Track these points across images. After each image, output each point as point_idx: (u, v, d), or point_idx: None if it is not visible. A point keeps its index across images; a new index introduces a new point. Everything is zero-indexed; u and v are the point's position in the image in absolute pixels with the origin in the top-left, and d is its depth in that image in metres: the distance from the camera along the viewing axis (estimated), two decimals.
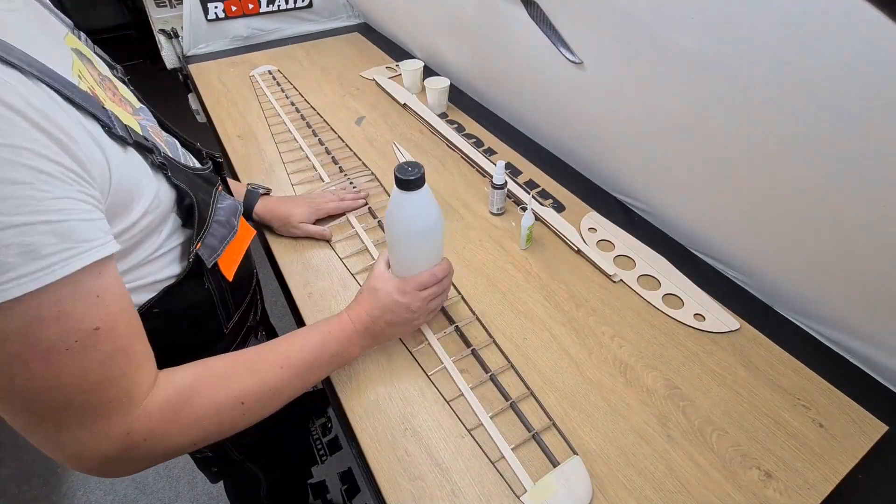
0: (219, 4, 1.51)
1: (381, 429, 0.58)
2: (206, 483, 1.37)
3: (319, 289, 0.75)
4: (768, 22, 0.52)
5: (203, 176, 0.56)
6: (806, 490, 0.54)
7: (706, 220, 0.79)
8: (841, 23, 0.46)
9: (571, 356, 0.66)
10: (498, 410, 0.59)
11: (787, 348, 0.68)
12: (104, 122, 0.38)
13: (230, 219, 0.57)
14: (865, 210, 0.54)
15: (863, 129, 0.50)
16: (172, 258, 0.49)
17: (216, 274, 0.55)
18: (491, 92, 1.21)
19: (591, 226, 0.87)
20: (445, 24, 1.20)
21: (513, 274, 0.78)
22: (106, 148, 0.38)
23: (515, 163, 1.03)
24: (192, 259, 0.49)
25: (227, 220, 0.56)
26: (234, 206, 0.60)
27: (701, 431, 0.58)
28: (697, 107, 0.67)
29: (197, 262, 0.50)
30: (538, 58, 0.92)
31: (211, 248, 0.53)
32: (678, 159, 0.77)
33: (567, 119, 0.98)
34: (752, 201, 0.68)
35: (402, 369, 0.64)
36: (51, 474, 1.40)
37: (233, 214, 0.58)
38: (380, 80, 1.32)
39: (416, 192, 0.53)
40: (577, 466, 0.54)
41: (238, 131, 1.12)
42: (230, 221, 0.57)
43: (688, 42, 0.62)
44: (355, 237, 0.84)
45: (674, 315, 0.72)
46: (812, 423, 0.59)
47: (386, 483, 0.53)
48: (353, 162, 1.01)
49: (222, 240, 0.55)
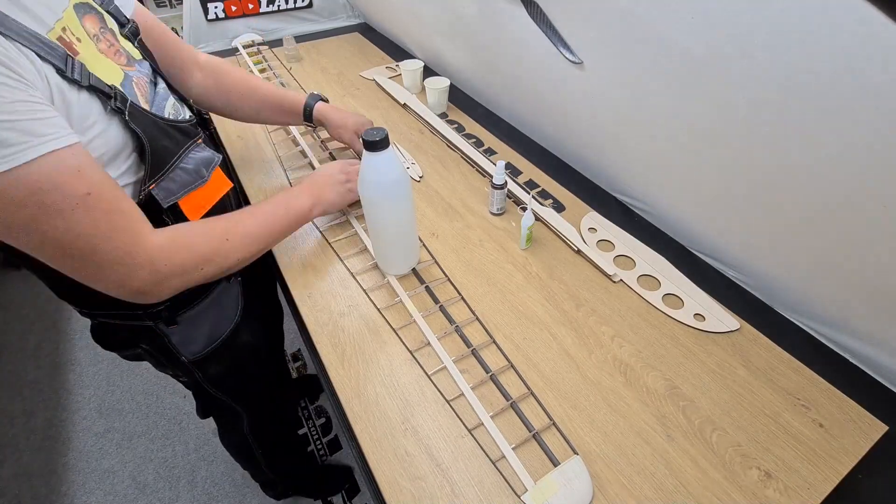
0: (219, 4, 1.51)
1: (381, 428, 0.58)
2: (207, 483, 1.38)
3: (319, 289, 0.75)
4: (769, 21, 0.52)
5: (179, 127, 0.64)
6: (806, 490, 0.54)
7: (706, 220, 0.79)
8: (841, 22, 0.46)
9: (571, 356, 0.66)
10: (498, 410, 0.60)
11: (787, 348, 0.68)
12: (58, 66, 0.47)
13: (200, 168, 0.65)
14: (865, 210, 0.54)
15: (863, 128, 0.50)
16: (130, 193, 0.57)
17: (177, 213, 0.62)
18: (491, 92, 1.21)
19: (591, 226, 0.87)
20: (445, 24, 1.20)
21: (513, 274, 0.78)
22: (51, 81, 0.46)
23: (515, 163, 1.03)
24: (144, 196, 0.57)
25: (195, 169, 0.64)
26: (209, 158, 0.68)
27: (701, 431, 0.58)
28: (698, 106, 0.67)
29: (150, 199, 0.58)
30: (538, 58, 0.92)
31: (167, 191, 0.60)
32: (678, 159, 0.77)
33: (567, 119, 0.98)
34: (752, 201, 0.68)
35: (402, 369, 0.64)
36: (51, 474, 1.40)
37: (205, 165, 0.66)
38: (380, 80, 1.32)
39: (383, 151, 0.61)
40: (577, 466, 0.54)
41: (238, 131, 1.12)
42: (199, 171, 0.65)
43: (688, 42, 0.62)
44: (355, 237, 0.84)
45: (674, 315, 0.72)
46: (812, 423, 0.59)
47: (386, 483, 0.53)
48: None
49: (184, 185, 0.62)
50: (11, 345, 1.76)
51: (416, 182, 0.98)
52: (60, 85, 0.47)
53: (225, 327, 0.74)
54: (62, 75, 0.47)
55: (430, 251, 0.81)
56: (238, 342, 0.77)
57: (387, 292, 0.75)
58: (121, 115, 0.53)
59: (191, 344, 0.70)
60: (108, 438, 1.49)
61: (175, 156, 0.61)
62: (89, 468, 1.42)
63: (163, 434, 1.49)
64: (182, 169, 0.62)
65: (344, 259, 0.80)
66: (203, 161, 0.66)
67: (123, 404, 1.57)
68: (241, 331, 0.76)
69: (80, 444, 1.47)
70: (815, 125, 0.54)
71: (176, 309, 0.67)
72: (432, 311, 0.72)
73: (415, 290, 0.74)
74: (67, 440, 1.48)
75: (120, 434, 1.50)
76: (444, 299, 0.73)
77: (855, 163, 0.52)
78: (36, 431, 1.51)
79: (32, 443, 1.48)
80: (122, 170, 0.55)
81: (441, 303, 0.72)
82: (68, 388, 1.62)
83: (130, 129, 0.54)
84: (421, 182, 0.98)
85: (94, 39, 0.54)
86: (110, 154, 0.53)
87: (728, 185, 0.70)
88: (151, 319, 0.65)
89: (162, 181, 0.59)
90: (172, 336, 0.68)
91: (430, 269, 0.78)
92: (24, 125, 0.42)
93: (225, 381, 0.81)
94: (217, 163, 0.69)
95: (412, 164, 1.02)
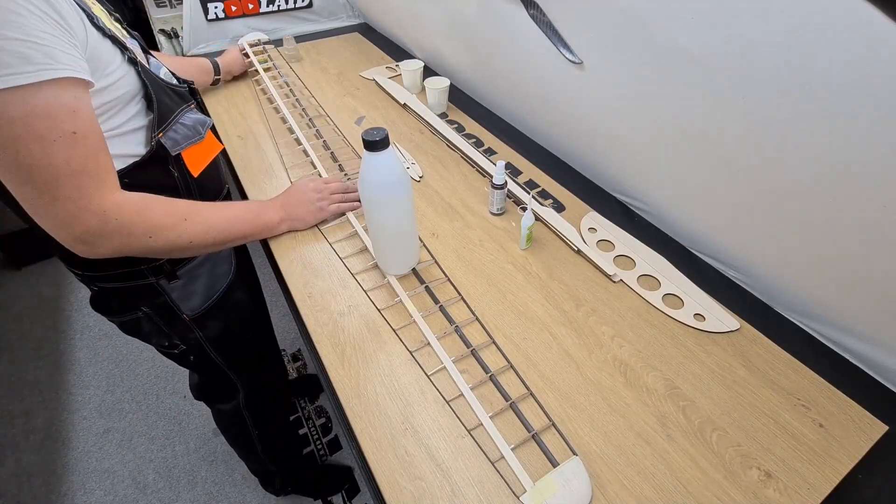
0: (219, 4, 1.51)
1: (381, 428, 0.58)
2: (207, 483, 1.38)
3: (319, 289, 0.75)
4: (769, 21, 0.52)
5: (175, 90, 0.71)
6: (806, 490, 0.54)
7: (706, 220, 0.79)
8: (842, 22, 0.46)
9: (571, 356, 0.66)
10: (498, 410, 0.59)
11: (787, 348, 0.68)
12: (89, 13, 0.53)
13: (196, 126, 0.72)
14: (866, 210, 0.54)
15: (863, 128, 0.50)
16: (137, 140, 0.63)
17: (181, 166, 0.69)
18: (491, 92, 1.21)
19: (591, 226, 0.87)
20: (445, 24, 1.20)
21: (513, 274, 0.78)
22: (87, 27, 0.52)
23: (515, 163, 1.03)
24: (155, 144, 0.63)
25: (192, 126, 0.71)
26: (203, 119, 0.74)
27: (701, 431, 0.58)
28: (698, 106, 0.67)
29: (160, 147, 0.64)
30: (538, 58, 0.92)
31: (174, 141, 0.66)
32: (678, 159, 0.77)
33: (567, 119, 0.98)
34: (753, 201, 0.68)
35: (402, 369, 0.64)
36: (51, 474, 1.40)
37: (200, 124, 0.73)
38: (380, 80, 1.32)
39: (383, 152, 0.61)
40: (576, 466, 0.54)
41: (238, 131, 1.12)
42: (196, 128, 0.71)
43: (688, 41, 0.62)
44: (356, 237, 0.84)
45: (674, 315, 0.72)
46: (812, 423, 0.59)
47: (386, 483, 0.53)
48: (354, 161, 1.02)
49: (186, 138, 0.69)
50: (11, 345, 1.76)
51: (416, 182, 0.98)
52: (91, 31, 0.53)
53: (221, 283, 0.80)
54: (91, 22, 0.53)
55: (430, 251, 0.81)
56: (233, 300, 0.83)
57: (387, 292, 0.75)
58: (135, 66, 0.60)
59: (190, 300, 0.76)
60: (108, 438, 1.49)
61: (174, 112, 0.67)
62: (89, 468, 1.42)
63: (163, 434, 1.50)
64: (182, 124, 0.68)
65: (344, 259, 0.80)
66: (198, 121, 0.73)
67: (123, 404, 1.57)
68: (235, 288, 0.83)
69: (80, 444, 1.47)
70: (815, 125, 0.54)
71: (174, 263, 0.72)
72: (432, 311, 0.72)
73: (415, 290, 0.74)
74: (67, 440, 1.48)
75: (120, 434, 1.50)
76: (444, 299, 0.73)
77: (855, 163, 0.52)
78: (36, 431, 1.51)
79: (32, 443, 1.48)
80: (134, 111, 0.61)
81: (441, 303, 0.72)
82: (68, 388, 1.62)
83: (142, 80, 0.61)
84: (421, 182, 0.98)
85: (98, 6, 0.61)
86: (128, 96, 0.59)
87: (728, 185, 0.70)
88: (154, 275, 0.70)
89: (167, 132, 0.65)
90: (172, 292, 0.73)
91: (430, 269, 0.78)
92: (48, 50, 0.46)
93: (224, 340, 0.85)
94: (209, 125, 0.76)
95: (412, 164, 1.02)
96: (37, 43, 0.45)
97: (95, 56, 0.53)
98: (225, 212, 0.71)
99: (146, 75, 0.62)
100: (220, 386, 0.97)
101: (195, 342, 0.81)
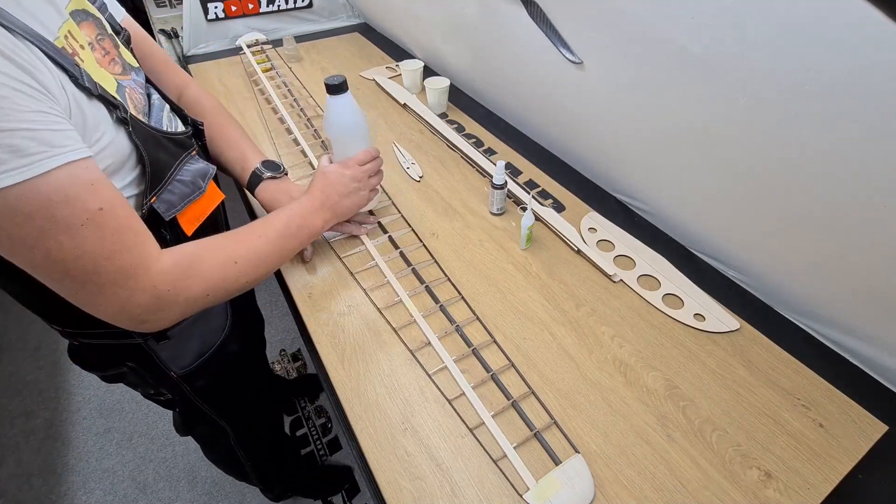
0: (219, 4, 1.51)
1: (381, 428, 0.58)
2: (207, 483, 1.38)
3: (319, 289, 0.75)
4: (769, 21, 0.52)
5: (175, 139, 0.62)
6: (806, 490, 0.54)
7: (706, 220, 0.79)
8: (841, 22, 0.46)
9: (571, 356, 0.66)
10: (499, 409, 0.60)
11: (787, 348, 0.68)
12: (72, 73, 0.46)
13: (196, 180, 0.64)
14: (866, 209, 0.54)
15: (863, 127, 0.50)
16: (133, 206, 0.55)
17: (175, 227, 0.61)
18: (491, 92, 1.21)
19: (591, 226, 0.87)
20: (445, 23, 1.20)
21: (513, 274, 0.78)
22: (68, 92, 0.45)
23: (515, 163, 1.03)
24: (146, 210, 0.56)
25: (192, 181, 0.63)
26: (204, 170, 0.66)
27: (701, 431, 0.58)
28: (698, 106, 0.67)
29: (151, 214, 0.57)
30: (538, 58, 0.92)
31: (168, 203, 0.59)
32: (678, 159, 0.77)
33: (567, 119, 0.98)
34: (752, 201, 0.68)
35: (402, 369, 0.64)
36: (51, 474, 1.40)
37: (201, 176, 0.65)
38: (380, 80, 1.32)
39: (343, 95, 0.70)
40: (579, 464, 0.54)
41: None
42: (196, 182, 0.64)
43: (688, 41, 0.62)
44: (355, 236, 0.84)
45: (674, 315, 0.72)
46: (812, 423, 0.59)
47: (386, 483, 0.53)
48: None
49: (183, 197, 0.61)
50: (11, 345, 1.76)
51: (416, 182, 0.98)
52: (76, 94, 0.46)
53: (215, 339, 0.73)
54: (76, 83, 0.46)
55: (431, 251, 0.81)
56: (227, 353, 0.75)
57: (387, 292, 0.75)
58: (125, 126, 0.52)
59: (180, 358, 0.69)
60: (108, 438, 1.49)
61: (171, 168, 0.60)
62: (89, 468, 1.42)
63: (163, 434, 1.49)
64: (179, 181, 0.61)
65: (344, 259, 0.80)
66: (199, 172, 0.65)
67: (123, 404, 1.57)
68: (230, 342, 0.75)
69: (80, 444, 1.47)
70: (815, 124, 0.54)
71: None
72: (432, 310, 0.72)
73: (415, 290, 0.74)
74: (67, 440, 1.48)
75: (120, 434, 1.50)
76: (444, 299, 0.73)
77: (855, 162, 0.52)
78: (36, 431, 1.51)
79: (32, 443, 1.48)
80: (126, 181, 0.54)
81: (441, 303, 0.72)
82: (68, 388, 1.62)
83: (133, 141, 0.53)
84: (421, 182, 0.98)
85: (89, 48, 0.53)
86: (117, 164, 0.52)
87: (728, 184, 0.70)
88: (141, 336, 0.63)
89: (162, 193, 0.57)
90: (161, 352, 0.66)
91: (430, 269, 0.78)
92: (42, 135, 0.40)
93: (213, 392, 0.79)
94: (212, 174, 0.68)
95: (412, 164, 1.02)
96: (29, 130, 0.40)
97: (80, 123, 0.47)
98: (269, 232, 0.65)
99: (138, 135, 0.54)
100: (209, 430, 0.91)
101: (183, 394, 0.75)
